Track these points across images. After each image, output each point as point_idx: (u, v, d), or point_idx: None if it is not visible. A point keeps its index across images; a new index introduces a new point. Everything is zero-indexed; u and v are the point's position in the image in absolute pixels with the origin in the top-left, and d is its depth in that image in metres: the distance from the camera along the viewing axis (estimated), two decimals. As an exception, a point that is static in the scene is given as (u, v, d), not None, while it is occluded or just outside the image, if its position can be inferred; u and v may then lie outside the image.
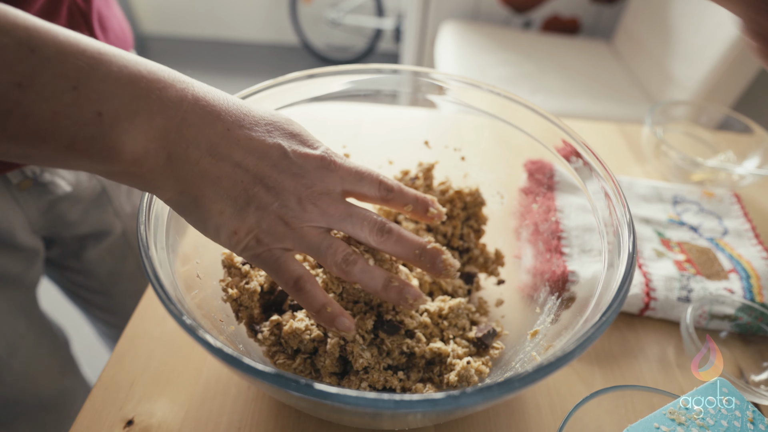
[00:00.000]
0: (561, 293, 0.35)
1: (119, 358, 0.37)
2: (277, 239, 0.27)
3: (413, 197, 0.32)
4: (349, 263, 0.29)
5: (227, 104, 0.26)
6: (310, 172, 0.28)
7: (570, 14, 1.67)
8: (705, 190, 0.56)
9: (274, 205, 0.27)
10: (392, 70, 0.42)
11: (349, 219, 0.29)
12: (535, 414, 0.36)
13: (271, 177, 0.26)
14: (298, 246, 0.28)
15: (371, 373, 0.32)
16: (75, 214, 0.52)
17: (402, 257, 0.31)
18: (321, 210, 0.28)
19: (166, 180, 0.25)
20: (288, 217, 0.27)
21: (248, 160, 0.26)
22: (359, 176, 0.30)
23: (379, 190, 0.30)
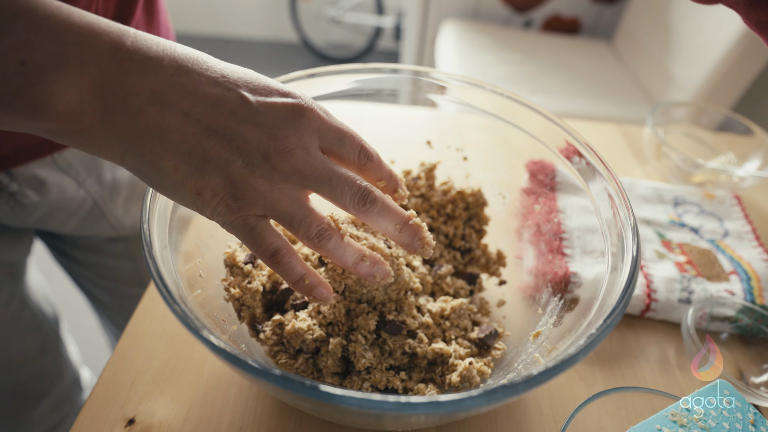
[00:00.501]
0: (563, 294, 0.35)
1: (120, 356, 0.37)
2: (246, 204, 0.24)
3: (388, 173, 0.29)
4: (323, 238, 0.26)
5: (174, 50, 0.23)
6: (279, 121, 0.24)
7: (570, 14, 1.67)
8: (706, 191, 0.56)
9: (236, 162, 0.23)
10: (393, 69, 0.42)
11: (328, 182, 0.25)
12: (536, 415, 0.36)
13: (228, 128, 0.23)
14: (269, 212, 0.25)
15: (373, 374, 0.32)
16: (69, 228, 0.52)
17: (381, 230, 0.28)
18: (294, 167, 0.24)
19: (108, 137, 0.22)
20: (255, 177, 0.24)
21: (198, 109, 0.23)
22: (340, 135, 0.26)
23: (359, 156, 0.27)
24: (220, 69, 0.24)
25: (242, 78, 0.24)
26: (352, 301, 0.34)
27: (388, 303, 0.34)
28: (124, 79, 0.21)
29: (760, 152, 0.60)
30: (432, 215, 0.43)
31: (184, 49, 0.24)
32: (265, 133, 0.24)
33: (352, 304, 0.34)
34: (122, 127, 0.22)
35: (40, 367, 0.55)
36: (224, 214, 0.24)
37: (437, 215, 0.43)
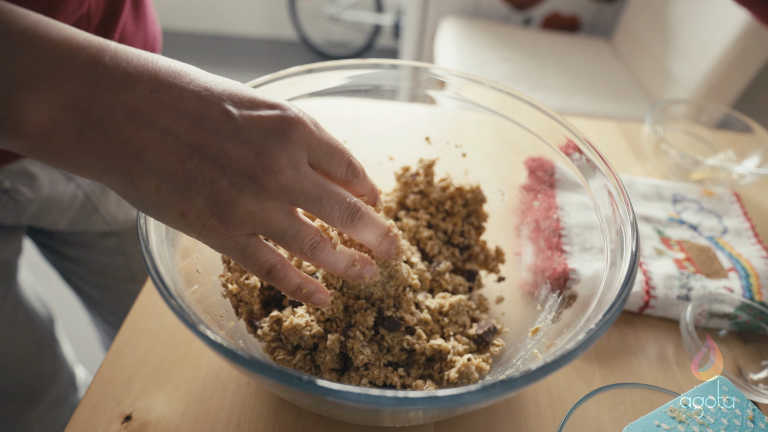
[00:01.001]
0: (562, 291, 0.35)
1: (117, 353, 0.37)
2: (234, 225, 0.23)
3: (370, 187, 0.29)
4: (316, 250, 0.26)
5: (155, 64, 0.22)
6: (266, 137, 0.23)
7: (570, 12, 1.67)
8: (705, 188, 0.56)
9: (222, 182, 0.22)
10: (392, 65, 0.41)
11: (319, 201, 0.25)
12: (534, 411, 0.36)
13: (212, 146, 0.22)
14: (260, 230, 0.24)
15: (371, 370, 0.32)
16: (63, 224, 0.51)
17: (362, 241, 0.28)
18: (283, 186, 0.23)
19: (84, 157, 0.21)
20: (242, 197, 0.23)
21: (179, 126, 0.21)
22: (330, 150, 0.26)
23: (346, 173, 0.27)
24: (203, 82, 0.23)
25: (226, 91, 0.23)
26: (350, 297, 0.34)
27: (386, 299, 0.34)
28: (101, 96, 0.21)
29: (760, 150, 0.60)
30: (431, 212, 0.43)
31: (167, 62, 0.23)
32: (252, 150, 0.22)
33: (351, 300, 0.34)
34: (99, 146, 0.21)
35: (36, 368, 0.55)
36: (212, 236, 0.24)
37: (436, 212, 0.43)
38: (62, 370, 0.60)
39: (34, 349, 0.54)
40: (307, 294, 0.28)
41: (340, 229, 0.27)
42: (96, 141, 0.21)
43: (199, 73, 0.23)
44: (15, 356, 0.52)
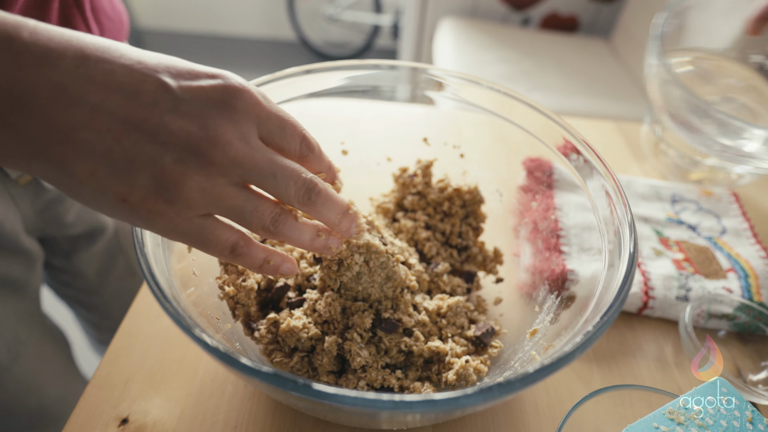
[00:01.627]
0: (560, 292, 0.35)
1: (114, 356, 0.37)
2: (186, 206, 0.21)
3: (328, 164, 0.28)
4: (278, 224, 0.25)
5: (81, 39, 0.20)
6: (209, 108, 0.21)
7: (569, 12, 1.67)
8: (703, 189, 0.56)
9: (164, 159, 0.20)
10: (390, 65, 0.41)
11: (273, 177, 0.23)
12: (533, 413, 0.36)
13: (150, 120, 0.20)
14: (214, 210, 0.23)
15: (369, 372, 0.32)
16: (71, 216, 0.51)
17: (322, 220, 0.27)
18: (233, 160, 0.22)
19: (8, 143, 0.19)
20: (190, 174, 0.21)
21: (111, 101, 0.19)
22: (281, 123, 0.24)
23: (301, 147, 0.25)
24: (135, 56, 0.21)
25: (162, 63, 0.21)
26: (347, 299, 0.34)
27: (384, 301, 0.34)
28: (21, 75, 0.19)
29: (758, 149, 0.60)
30: (429, 213, 0.43)
31: (93, 38, 0.20)
32: (194, 122, 0.21)
33: (348, 302, 0.33)
34: (23, 129, 0.19)
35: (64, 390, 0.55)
36: (161, 221, 0.22)
37: (434, 213, 0.43)
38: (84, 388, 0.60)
39: (60, 371, 0.55)
40: (274, 266, 0.27)
41: (297, 206, 0.25)
42: (19, 124, 0.19)
43: (132, 48, 0.21)
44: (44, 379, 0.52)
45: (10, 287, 0.47)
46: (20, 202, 0.45)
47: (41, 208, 0.47)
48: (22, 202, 0.45)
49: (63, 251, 0.56)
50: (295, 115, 0.29)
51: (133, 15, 2.37)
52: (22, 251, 0.47)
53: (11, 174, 0.43)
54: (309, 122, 0.31)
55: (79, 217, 0.53)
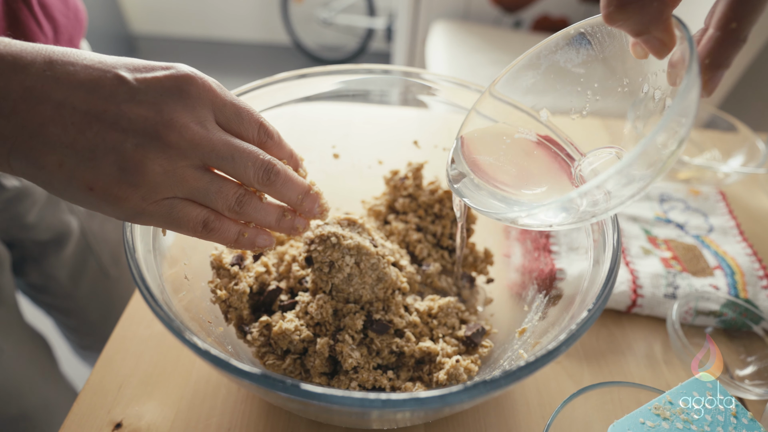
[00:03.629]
0: (549, 291, 0.35)
1: (107, 360, 0.37)
2: (151, 189, 0.23)
3: (289, 151, 0.29)
4: (243, 204, 0.26)
5: (49, 49, 0.22)
6: (164, 95, 0.23)
7: (560, 14, 1.68)
8: (691, 188, 0.57)
9: (125, 145, 0.22)
10: (384, 70, 0.42)
11: (231, 159, 0.24)
12: (524, 410, 0.36)
13: (109, 111, 0.22)
14: (179, 192, 0.24)
15: (361, 373, 0.32)
16: (32, 216, 0.51)
17: (284, 201, 0.28)
18: (191, 142, 0.23)
19: None
20: (151, 157, 0.22)
21: (74, 97, 0.21)
22: (236, 110, 0.25)
23: (259, 134, 0.26)
24: (97, 57, 0.23)
25: (120, 60, 0.23)
26: (339, 301, 0.34)
27: (375, 302, 0.34)
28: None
29: (744, 149, 0.61)
30: (420, 215, 0.43)
31: (62, 48, 0.22)
32: (150, 109, 0.22)
33: (340, 304, 0.34)
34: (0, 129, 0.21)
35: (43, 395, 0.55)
36: (128, 206, 0.23)
37: (425, 214, 0.43)
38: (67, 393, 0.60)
39: (40, 376, 0.54)
40: (249, 239, 0.27)
41: (257, 187, 0.26)
42: None
43: (94, 53, 0.23)
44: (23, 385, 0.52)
45: None
46: None
47: (0, 208, 0.47)
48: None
49: (33, 257, 0.56)
50: (287, 119, 0.30)
51: (127, 20, 2.37)
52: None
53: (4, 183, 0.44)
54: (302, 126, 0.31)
55: (41, 217, 0.52)
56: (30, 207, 0.50)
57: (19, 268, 0.57)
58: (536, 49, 0.30)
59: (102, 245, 0.61)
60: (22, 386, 0.51)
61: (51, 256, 0.56)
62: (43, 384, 0.54)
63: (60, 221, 0.55)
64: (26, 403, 0.52)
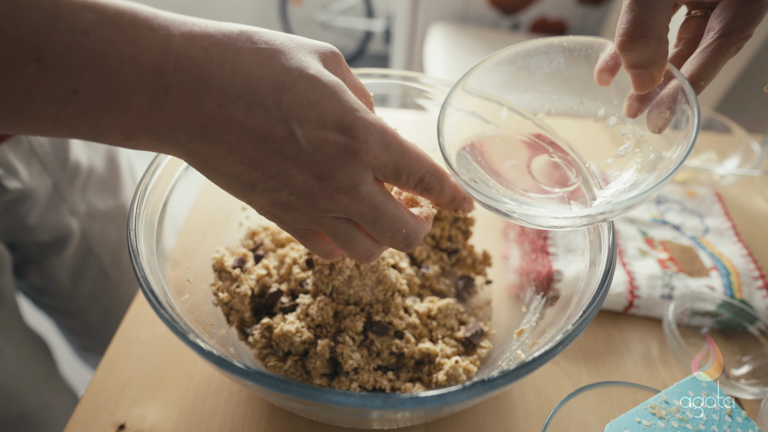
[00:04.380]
0: (546, 292, 0.36)
1: (110, 362, 0.37)
2: (293, 221, 0.26)
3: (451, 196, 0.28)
4: (369, 259, 0.28)
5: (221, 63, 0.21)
6: (327, 162, 0.23)
7: (557, 16, 1.69)
8: (687, 189, 0.57)
9: (281, 192, 0.24)
10: (382, 74, 0.42)
11: (373, 224, 0.25)
12: (522, 410, 0.36)
13: (274, 165, 0.23)
14: (316, 228, 0.26)
15: (361, 374, 0.33)
16: (33, 218, 0.51)
17: None
18: (339, 207, 0.24)
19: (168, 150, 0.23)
20: (300, 205, 0.24)
21: (245, 143, 0.22)
22: (396, 170, 0.25)
23: (416, 188, 0.27)
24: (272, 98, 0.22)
25: (294, 107, 0.22)
26: (339, 303, 0.34)
27: (375, 304, 0.35)
28: (172, 111, 0.21)
29: (739, 150, 0.62)
30: (418, 217, 0.43)
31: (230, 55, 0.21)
32: (312, 172, 0.23)
33: (340, 305, 0.34)
34: (176, 151, 0.23)
35: (42, 397, 0.55)
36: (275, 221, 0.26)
37: (424, 217, 0.43)
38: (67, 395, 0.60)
39: (40, 377, 0.55)
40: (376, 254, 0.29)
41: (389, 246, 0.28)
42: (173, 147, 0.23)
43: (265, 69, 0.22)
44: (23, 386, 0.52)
45: None
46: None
47: (2, 209, 0.48)
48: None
49: (33, 259, 0.56)
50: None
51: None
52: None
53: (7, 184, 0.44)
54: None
55: (42, 219, 0.53)
56: (31, 209, 0.50)
57: (20, 270, 0.57)
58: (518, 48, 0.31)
59: (103, 247, 0.61)
60: (22, 387, 0.52)
61: (52, 258, 0.57)
62: (43, 385, 0.55)
63: (61, 223, 0.55)
64: (26, 404, 0.52)
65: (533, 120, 0.36)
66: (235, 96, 0.21)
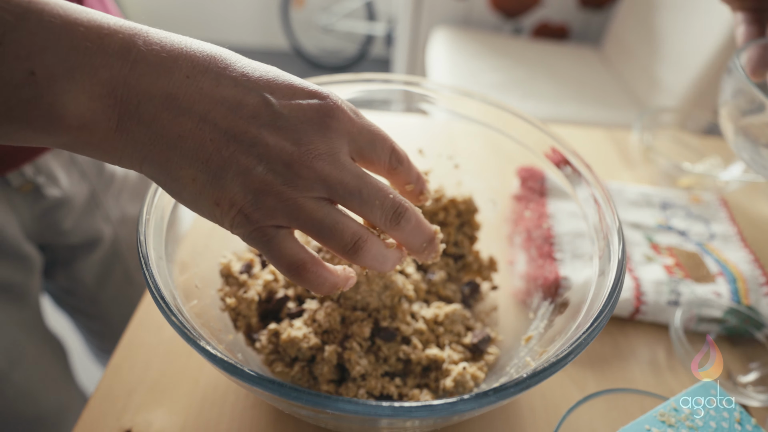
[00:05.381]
0: (554, 298, 0.36)
1: (116, 367, 0.37)
2: (267, 214, 0.22)
3: (416, 174, 0.27)
4: (359, 249, 0.24)
5: (190, 47, 0.21)
6: (303, 125, 0.22)
7: (559, 20, 1.69)
8: (692, 195, 0.57)
9: (257, 169, 0.21)
10: (384, 79, 0.42)
11: (359, 194, 0.23)
12: (529, 417, 0.36)
13: (249, 132, 0.21)
14: (293, 223, 0.23)
15: (368, 380, 0.33)
16: (68, 223, 0.52)
17: (408, 247, 0.26)
18: (320, 176, 0.22)
19: (125, 147, 0.21)
20: (276, 184, 0.22)
21: (216, 112, 0.21)
22: (371, 137, 0.24)
23: (390, 160, 0.25)
24: (240, 67, 0.22)
25: (264, 77, 0.22)
26: (346, 309, 0.34)
27: (382, 310, 0.35)
28: (137, 84, 0.20)
29: (744, 156, 0.62)
30: (425, 222, 0.43)
31: (200, 45, 0.22)
32: (289, 138, 0.22)
33: (347, 311, 0.34)
34: (138, 135, 0.21)
35: (61, 398, 0.55)
36: (244, 225, 0.23)
37: (430, 222, 0.43)
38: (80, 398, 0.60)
39: (57, 379, 0.55)
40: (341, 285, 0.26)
41: (383, 228, 0.25)
42: (134, 130, 0.21)
43: (235, 56, 0.23)
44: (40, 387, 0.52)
45: (10, 293, 0.47)
46: (19, 207, 0.46)
47: (39, 214, 0.48)
48: (21, 208, 0.46)
49: (62, 260, 0.57)
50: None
51: (128, 26, 2.38)
52: (23, 257, 0.48)
53: (12, 182, 0.44)
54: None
55: (77, 224, 0.53)
56: (67, 215, 0.51)
57: (49, 271, 0.58)
58: None
59: (130, 251, 0.62)
60: (40, 389, 0.52)
61: (80, 260, 0.57)
62: (58, 387, 0.55)
63: (93, 228, 0.56)
64: (42, 405, 0.52)
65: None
66: (204, 69, 0.21)
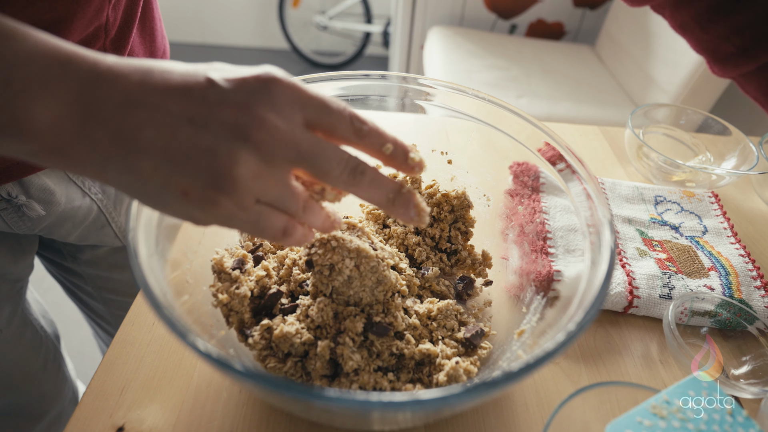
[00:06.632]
0: (546, 293, 0.36)
1: (109, 364, 0.37)
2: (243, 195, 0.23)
3: (392, 138, 0.26)
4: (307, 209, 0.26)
5: (149, 63, 0.23)
6: (251, 95, 0.23)
7: (554, 19, 1.70)
8: (685, 190, 0.58)
9: (219, 149, 0.22)
10: (381, 75, 0.42)
11: (315, 156, 0.24)
12: (523, 411, 0.36)
13: (200, 113, 0.22)
14: (265, 198, 0.24)
15: (361, 375, 0.33)
16: (73, 237, 0.52)
17: (374, 202, 0.27)
18: (278, 141, 0.23)
19: (89, 150, 0.22)
20: (242, 161, 0.22)
21: (169, 100, 0.22)
22: (323, 105, 0.24)
23: (352, 122, 0.25)
24: (190, 65, 0.24)
25: (210, 66, 0.24)
26: (339, 304, 0.34)
27: (375, 305, 0.35)
28: (99, 89, 0.22)
29: (737, 151, 0.62)
30: (418, 218, 0.43)
31: (161, 62, 0.24)
32: (239, 108, 0.22)
33: (340, 306, 0.34)
34: (99, 135, 0.22)
35: (41, 386, 0.55)
36: (220, 213, 0.23)
37: (423, 218, 0.43)
38: (65, 387, 0.60)
39: (39, 367, 0.55)
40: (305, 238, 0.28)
41: (342, 187, 0.25)
42: (95, 130, 0.22)
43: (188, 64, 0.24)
44: (21, 374, 0.52)
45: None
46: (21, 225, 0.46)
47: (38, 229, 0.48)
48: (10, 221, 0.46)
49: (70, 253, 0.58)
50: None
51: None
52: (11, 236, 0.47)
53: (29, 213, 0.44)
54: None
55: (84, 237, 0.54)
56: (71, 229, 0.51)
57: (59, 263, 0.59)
58: None
59: None
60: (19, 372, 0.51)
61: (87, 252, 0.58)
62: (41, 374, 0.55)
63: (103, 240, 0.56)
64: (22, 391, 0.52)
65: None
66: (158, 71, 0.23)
